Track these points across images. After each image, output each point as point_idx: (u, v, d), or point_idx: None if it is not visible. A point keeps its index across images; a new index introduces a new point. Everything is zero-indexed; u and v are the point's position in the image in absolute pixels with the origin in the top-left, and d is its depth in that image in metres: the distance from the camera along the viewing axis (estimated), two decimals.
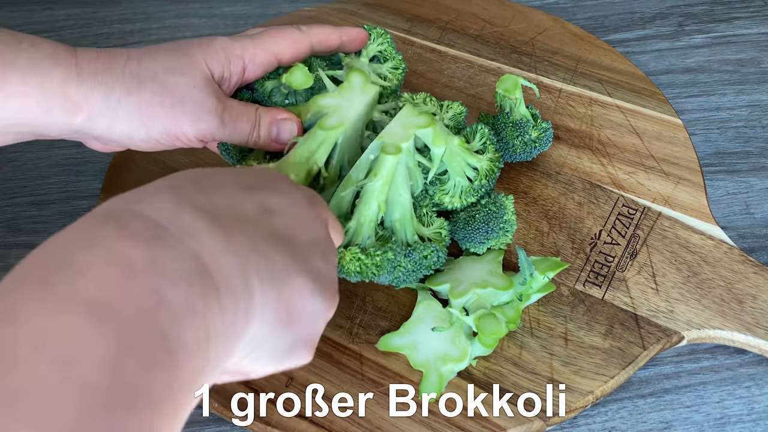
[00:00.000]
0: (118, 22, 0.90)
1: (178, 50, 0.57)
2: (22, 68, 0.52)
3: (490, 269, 0.60)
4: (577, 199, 0.67)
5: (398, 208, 0.59)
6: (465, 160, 0.62)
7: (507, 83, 0.67)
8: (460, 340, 0.57)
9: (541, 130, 0.68)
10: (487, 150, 0.63)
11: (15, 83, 0.52)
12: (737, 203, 0.70)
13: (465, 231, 0.61)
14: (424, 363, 0.57)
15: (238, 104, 0.59)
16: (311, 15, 0.86)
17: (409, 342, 0.58)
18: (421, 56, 0.82)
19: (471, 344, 0.56)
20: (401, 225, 0.59)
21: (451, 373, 0.56)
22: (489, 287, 0.58)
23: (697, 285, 0.61)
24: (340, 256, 0.55)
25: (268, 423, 0.55)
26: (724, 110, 0.78)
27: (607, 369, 0.57)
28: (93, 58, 0.55)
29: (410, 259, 0.57)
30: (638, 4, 0.90)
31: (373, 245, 0.56)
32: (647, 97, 0.76)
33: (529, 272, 0.58)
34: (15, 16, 0.91)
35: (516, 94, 0.67)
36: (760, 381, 0.59)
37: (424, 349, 0.58)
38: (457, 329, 0.57)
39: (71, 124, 0.54)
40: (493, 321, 0.55)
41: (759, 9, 0.88)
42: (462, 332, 0.57)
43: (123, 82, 0.54)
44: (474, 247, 0.61)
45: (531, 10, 0.86)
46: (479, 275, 0.60)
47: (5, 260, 0.67)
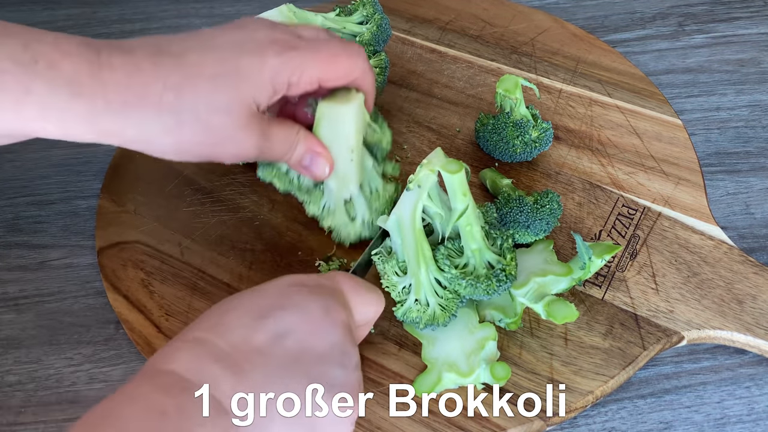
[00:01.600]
0: (118, 22, 0.90)
1: (224, 77, 0.51)
2: (39, 97, 0.47)
3: (544, 258, 0.61)
4: (577, 200, 0.67)
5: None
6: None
7: (507, 83, 0.67)
8: (475, 358, 0.56)
9: (541, 130, 0.68)
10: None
11: (33, 110, 0.48)
12: (737, 203, 0.70)
13: (529, 221, 0.62)
14: (433, 360, 0.57)
15: (278, 128, 0.56)
16: None
17: (431, 334, 0.58)
18: (421, 56, 0.82)
19: (483, 368, 0.56)
20: (480, 253, 0.57)
21: (451, 383, 0.56)
22: (549, 275, 0.59)
23: (697, 285, 0.61)
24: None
25: None
26: (724, 110, 0.78)
27: (607, 369, 0.57)
28: (123, 86, 0.49)
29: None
30: (638, 4, 0.90)
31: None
32: (647, 98, 0.76)
33: (588, 256, 0.58)
34: (15, 17, 0.91)
35: (516, 94, 0.67)
36: (760, 381, 0.59)
37: (439, 347, 0.58)
38: (478, 347, 0.57)
39: (99, 142, 0.52)
40: (563, 305, 0.56)
41: (759, 9, 0.88)
42: (481, 352, 0.56)
43: (159, 119, 0.50)
44: (528, 237, 0.62)
45: (531, 10, 0.86)
46: (536, 265, 0.60)
47: (5, 260, 0.67)
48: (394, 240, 0.57)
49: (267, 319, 0.46)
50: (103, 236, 0.66)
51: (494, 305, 0.59)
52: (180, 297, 0.62)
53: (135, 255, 0.65)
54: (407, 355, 0.58)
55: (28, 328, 0.63)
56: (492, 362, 0.56)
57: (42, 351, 0.61)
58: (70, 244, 0.68)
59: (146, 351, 0.59)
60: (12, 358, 0.61)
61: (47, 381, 0.60)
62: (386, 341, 0.59)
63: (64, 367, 0.60)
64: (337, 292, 0.50)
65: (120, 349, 0.61)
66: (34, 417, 0.58)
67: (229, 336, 0.45)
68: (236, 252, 0.65)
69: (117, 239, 0.66)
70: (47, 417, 0.58)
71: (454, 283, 0.56)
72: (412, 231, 0.56)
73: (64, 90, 0.48)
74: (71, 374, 0.60)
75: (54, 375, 0.60)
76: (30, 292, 0.65)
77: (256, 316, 0.46)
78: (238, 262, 0.64)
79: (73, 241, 0.68)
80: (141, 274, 0.63)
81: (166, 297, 0.62)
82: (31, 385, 0.59)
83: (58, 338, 0.62)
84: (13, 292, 0.65)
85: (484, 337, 0.57)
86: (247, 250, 0.65)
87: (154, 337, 0.60)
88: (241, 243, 0.65)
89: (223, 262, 0.64)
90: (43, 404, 0.58)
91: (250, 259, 0.64)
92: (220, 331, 0.45)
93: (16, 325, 0.63)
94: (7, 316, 0.63)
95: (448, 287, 0.57)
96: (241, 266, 0.64)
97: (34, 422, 0.57)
